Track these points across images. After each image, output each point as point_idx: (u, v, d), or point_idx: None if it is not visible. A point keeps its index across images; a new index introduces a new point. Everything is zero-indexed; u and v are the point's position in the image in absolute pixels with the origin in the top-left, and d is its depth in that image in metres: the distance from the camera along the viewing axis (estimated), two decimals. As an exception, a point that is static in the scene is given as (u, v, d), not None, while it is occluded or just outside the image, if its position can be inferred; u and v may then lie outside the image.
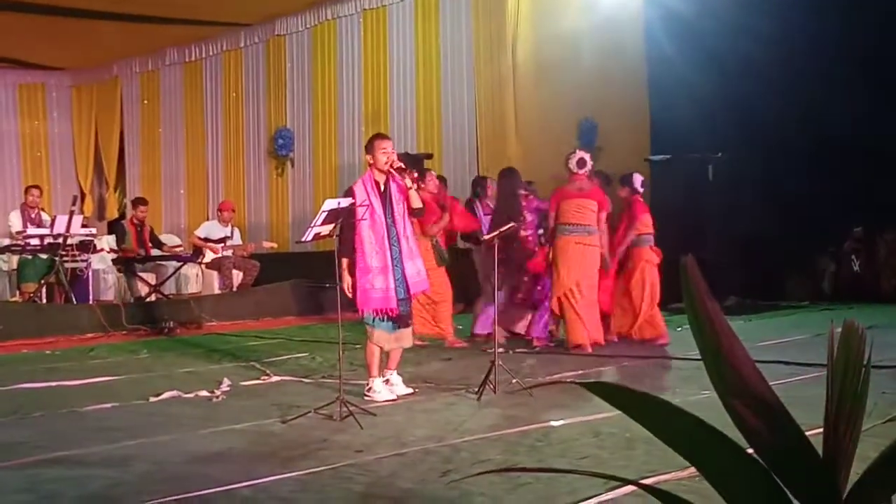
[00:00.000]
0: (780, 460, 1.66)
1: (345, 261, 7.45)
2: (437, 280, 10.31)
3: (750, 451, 1.71)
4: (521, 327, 10.91)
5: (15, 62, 21.57)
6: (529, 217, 10.83)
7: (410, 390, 7.74)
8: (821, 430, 1.74)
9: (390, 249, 7.50)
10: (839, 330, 1.77)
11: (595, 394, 1.73)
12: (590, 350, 10.04)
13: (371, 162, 7.63)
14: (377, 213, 7.49)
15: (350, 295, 7.47)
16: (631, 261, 10.89)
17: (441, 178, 11.89)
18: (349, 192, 7.53)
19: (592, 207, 10.27)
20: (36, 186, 15.15)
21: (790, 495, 1.66)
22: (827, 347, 1.76)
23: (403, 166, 7.80)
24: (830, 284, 15.19)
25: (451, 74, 16.46)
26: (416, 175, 9.24)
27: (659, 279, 10.79)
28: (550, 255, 10.38)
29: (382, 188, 7.58)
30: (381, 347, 7.63)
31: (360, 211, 7.35)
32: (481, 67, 16.02)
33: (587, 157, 10.46)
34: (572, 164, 10.34)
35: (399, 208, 7.62)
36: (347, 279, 7.45)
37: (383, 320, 7.54)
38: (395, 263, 7.52)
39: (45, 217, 14.56)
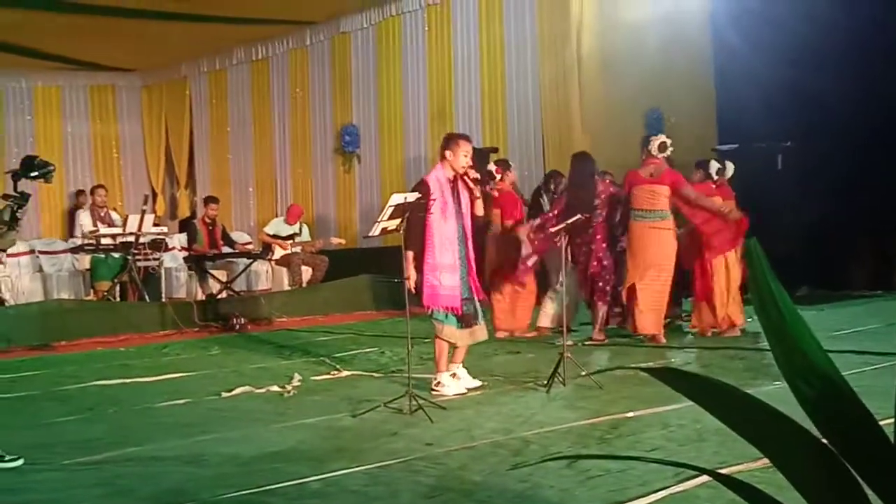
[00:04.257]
0: (848, 444, 1.64)
1: (410, 254, 7.37)
2: None
3: (819, 437, 1.69)
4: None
5: (85, 64, 21.86)
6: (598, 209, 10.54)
7: (479, 383, 7.73)
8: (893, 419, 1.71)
9: (458, 247, 7.52)
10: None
11: (661, 380, 1.71)
12: (663, 340, 9.98)
13: (449, 159, 7.58)
14: (450, 209, 7.49)
15: (414, 290, 7.43)
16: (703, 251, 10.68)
17: None
18: (422, 185, 7.51)
19: (665, 193, 10.13)
20: (101, 186, 15.27)
21: (861, 481, 1.63)
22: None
23: (479, 177, 7.84)
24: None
25: (515, 67, 16.41)
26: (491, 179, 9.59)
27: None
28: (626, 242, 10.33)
29: (451, 186, 7.58)
30: (453, 343, 7.61)
31: (431, 205, 7.34)
32: (545, 59, 15.95)
33: (668, 142, 10.32)
34: (653, 146, 10.19)
35: (466, 209, 7.63)
36: (413, 274, 7.39)
37: (454, 316, 7.54)
38: (462, 262, 7.53)
39: (115, 216, 14.73)
